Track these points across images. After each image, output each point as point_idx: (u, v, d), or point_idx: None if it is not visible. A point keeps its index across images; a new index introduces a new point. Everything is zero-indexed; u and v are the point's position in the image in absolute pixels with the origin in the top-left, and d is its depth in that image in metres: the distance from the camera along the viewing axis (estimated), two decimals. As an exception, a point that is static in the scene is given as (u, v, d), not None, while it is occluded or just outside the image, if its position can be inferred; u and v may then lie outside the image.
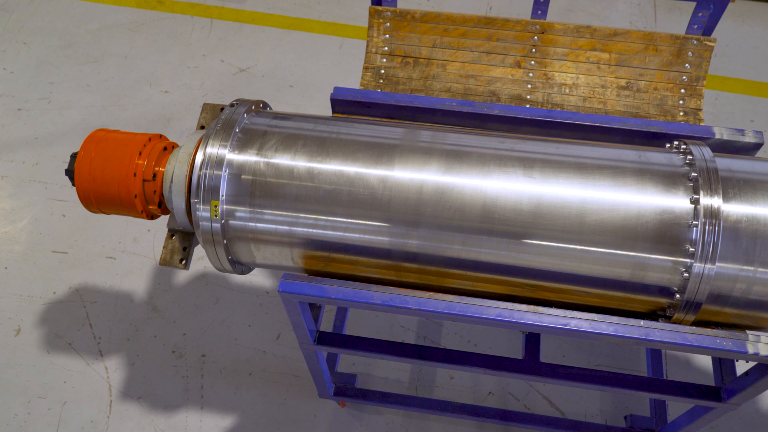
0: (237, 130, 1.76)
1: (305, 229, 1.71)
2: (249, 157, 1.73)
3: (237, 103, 1.86)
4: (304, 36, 4.20)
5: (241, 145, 1.75)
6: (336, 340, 2.09)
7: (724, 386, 1.90)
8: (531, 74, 2.54)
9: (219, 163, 1.71)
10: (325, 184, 1.69)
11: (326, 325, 2.97)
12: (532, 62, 2.54)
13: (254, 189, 1.71)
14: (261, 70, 3.97)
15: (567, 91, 2.54)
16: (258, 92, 3.83)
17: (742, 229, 1.57)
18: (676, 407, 2.74)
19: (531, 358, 2.01)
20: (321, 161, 1.71)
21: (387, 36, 2.57)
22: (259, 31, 4.20)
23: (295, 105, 3.80)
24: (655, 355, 2.64)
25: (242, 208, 1.73)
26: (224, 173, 1.71)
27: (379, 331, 3.00)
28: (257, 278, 3.15)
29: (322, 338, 2.06)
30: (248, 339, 3.00)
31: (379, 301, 1.65)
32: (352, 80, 3.90)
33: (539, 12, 2.61)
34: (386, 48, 2.57)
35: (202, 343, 2.99)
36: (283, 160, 1.72)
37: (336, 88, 2.09)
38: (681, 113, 2.49)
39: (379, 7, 2.54)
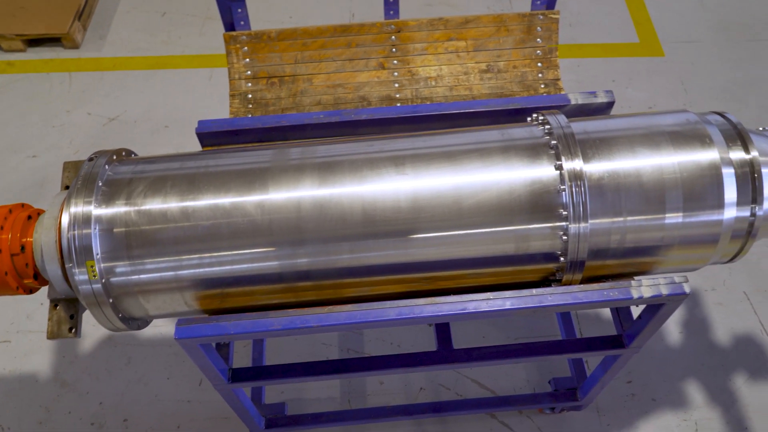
0: (100, 184, 1.69)
1: (191, 270, 1.67)
2: (118, 209, 1.67)
3: (96, 156, 1.79)
4: (172, 73, 4.10)
5: (108, 198, 1.68)
6: (252, 373, 2.05)
7: (624, 333, 2.00)
8: (396, 73, 2.59)
9: (86, 221, 1.64)
10: (201, 220, 1.65)
11: (245, 359, 2.90)
12: (395, 62, 2.59)
13: (129, 240, 1.65)
14: (132, 116, 3.84)
15: (433, 83, 2.60)
16: (132, 139, 3.71)
17: (606, 185, 1.66)
18: (595, 362, 2.87)
19: (444, 347, 2.05)
20: (193, 198, 1.67)
21: (247, 60, 2.55)
22: (123, 77, 4.06)
23: (175, 145, 3.70)
24: (565, 318, 2.76)
25: (121, 263, 1.66)
26: (94, 231, 1.64)
27: (302, 353, 2.97)
28: (166, 328, 3.04)
29: (237, 375, 2.01)
30: (170, 392, 2.88)
31: (280, 326, 1.63)
32: (228, 109, 3.84)
33: (391, 12, 2.67)
34: (249, 72, 2.55)
35: (121, 408, 2.85)
36: (154, 205, 1.66)
37: (200, 122, 2.04)
38: (542, 86, 2.61)
39: (234, 33, 2.52)
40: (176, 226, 1.65)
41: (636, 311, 2.05)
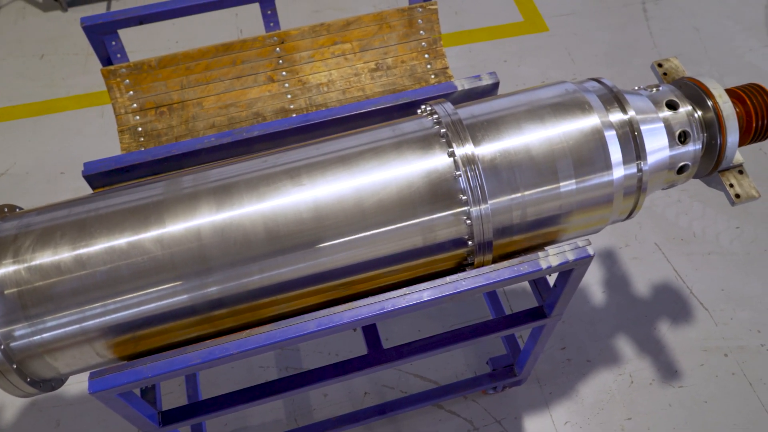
0: (-18, 246, 1.60)
1: (97, 320, 1.59)
2: (6, 269, 1.57)
3: (-25, 218, 1.69)
4: (60, 116, 3.92)
5: (-7, 260, 1.58)
6: (185, 412, 1.98)
7: (544, 303, 2.06)
8: (287, 84, 2.56)
9: (-28, 288, 1.54)
10: (98, 266, 1.58)
11: (180, 398, 2.81)
12: (284, 73, 2.56)
13: (24, 300, 1.56)
14: (23, 168, 3.65)
15: (325, 89, 2.59)
16: (26, 191, 3.52)
17: (499, 164, 1.70)
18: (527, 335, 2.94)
19: (374, 349, 2.04)
20: (86, 245, 1.59)
21: (131, 93, 2.46)
22: (6, 128, 3.85)
23: (74, 190, 3.54)
24: (491, 297, 2.81)
25: (19, 325, 1.56)
26: (-17, 297, 1.54)
27: (240, 379, 2.90)
28: (94, 381, 2.90)
29: (168, 417, 1.94)
30: (107, 447, 2.76)
31: (199, 359, 1.58)
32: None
33: (271, 24, 2.64)
34: (135, 105, 2.46)
35: (57, 474, 2.70)
36: (45, 258, 1.58)
37: (86, 164, 1.96)
38: (432, 76, 2.65)
39: (112, 67, 2.43)
40: (72, 276, 1.57)
41: (552, 280, 2.11)
